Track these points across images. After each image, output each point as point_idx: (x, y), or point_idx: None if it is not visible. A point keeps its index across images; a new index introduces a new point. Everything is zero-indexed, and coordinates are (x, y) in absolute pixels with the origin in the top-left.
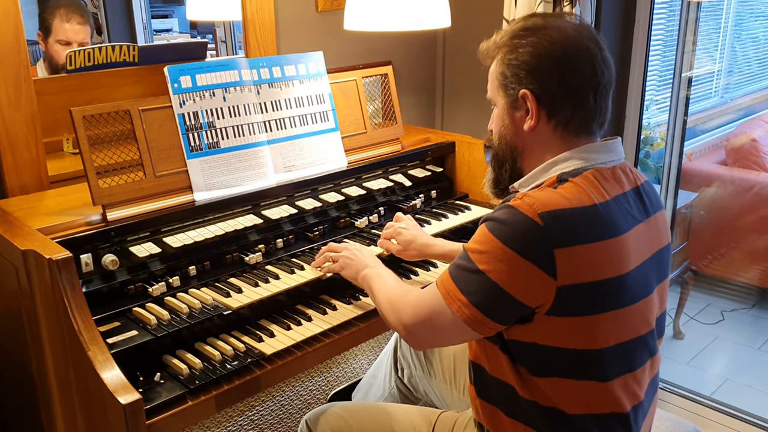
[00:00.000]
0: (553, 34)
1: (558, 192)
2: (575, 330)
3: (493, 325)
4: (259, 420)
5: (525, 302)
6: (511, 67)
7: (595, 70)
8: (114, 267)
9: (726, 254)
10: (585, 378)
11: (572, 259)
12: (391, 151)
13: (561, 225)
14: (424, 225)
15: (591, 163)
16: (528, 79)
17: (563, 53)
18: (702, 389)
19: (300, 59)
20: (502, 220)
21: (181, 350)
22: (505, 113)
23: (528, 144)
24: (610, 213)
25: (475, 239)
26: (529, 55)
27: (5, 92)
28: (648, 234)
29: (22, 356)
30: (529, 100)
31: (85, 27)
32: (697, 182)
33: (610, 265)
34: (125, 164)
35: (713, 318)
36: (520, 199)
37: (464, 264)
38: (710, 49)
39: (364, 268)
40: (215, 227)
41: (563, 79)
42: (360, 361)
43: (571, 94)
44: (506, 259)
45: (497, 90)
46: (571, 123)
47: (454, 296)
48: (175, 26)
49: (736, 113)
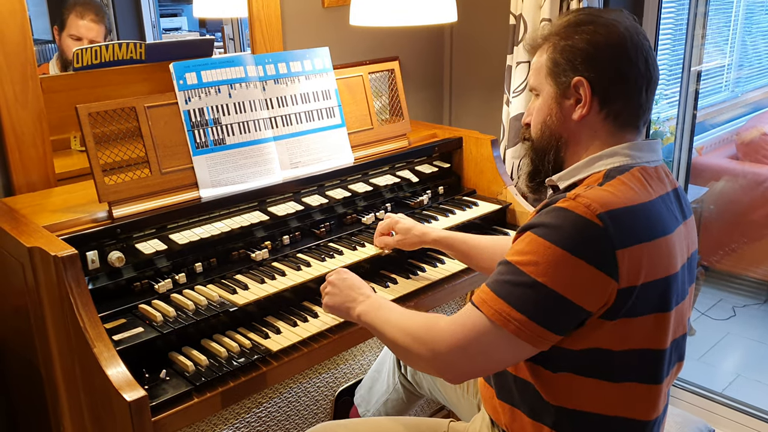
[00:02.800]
0: (610, 25)
1: (608, 190)
2: (623, 332)
3: (553, 338)
4: (266, 417)
5: (586, 307)
6: (565, 53)
7: (648, 65)
8: (120, 264)
9: (737, 249)
10: (618, 380)
11: (633, 259)
12: (398, 147)
13: (620, 225)
14: (431, 221)
15: (637, 160)
16: (584, 66)
17: (621, 44)
18: (713, 385)
19: (306, 55)
20: (555, 224)
21: (186, 347)
22: (553, 101)
23: (574, 134)
24: (658, 212)
25: (522, 250)
26: (586, 42)
27: (12, 90)
28: (686, 236)
29: (29, 353)
30: (583, 88)
31: (99, 26)
32: (707, 177)
33: (662, 265)
34: (131, 161)
35: (725, 314)
36: (573, 199)
37: (513, 279)
38: (720, 43)
39: (356, 306)
40: (221, 224)
41: (620, 69)
42: (367, 357)
43: (626, 86)
44: (567, 265)
45: (545, 78)
46: (621, 115)
47: (507, 316)
48: (184, 25)
49: (746, 107)
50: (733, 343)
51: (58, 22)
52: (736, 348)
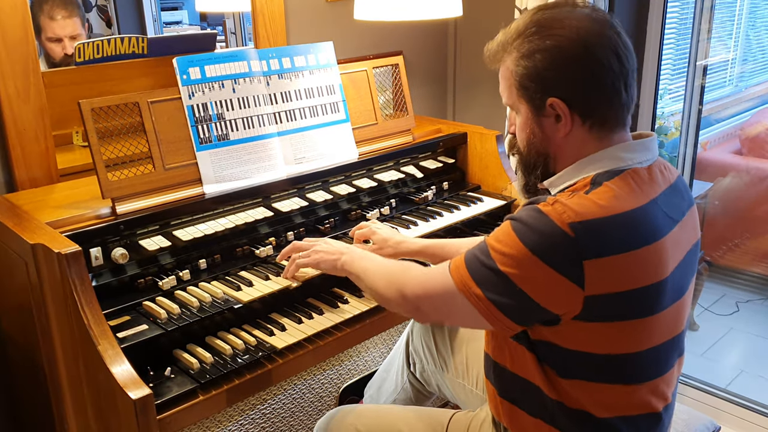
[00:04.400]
0: (570, 32)
1: (590, 199)
2: (605, 335)
3: (512, 325)
4: (271, 414)
5: (548, 308)
6: (530, 77)
7: (621, 59)
8: (124, 261)
9: (741, 244)
10: (616, 382)
11: (603, 270)
12: (403, 142)
13: (593, 236)
14: (436, 217)
15: (628, 163)
16: (554, 86)
17: (587, 52)
18: (717, 381)
19: (310, 50)
20: (530, 224)
21: (191, 344)
22: (533, 122)
23: (561, 149)
24: (647, 218)
25: (499, 237)
26: (549, 62)
27: (14, 84)
28: (684, 233)
29: (33, 350)
30: (559, 108)
31: (72, 20)
32: (712, 172)
33: (647, 273)
34: (134, 157)
35: (728, 309)
36: (551, 205)
37: (483, 259)
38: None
39: (341, 255)
40: (225, 220)
41: (592, 79)
42: (372, 354)
43: (603, 93)
44: (531, 267)
45: (518, 99)
46: (607, 120)
47: (469, 287)
48: (185, 18)
49: (750, 102)
50: (736, 339)
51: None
52: (739, 343)
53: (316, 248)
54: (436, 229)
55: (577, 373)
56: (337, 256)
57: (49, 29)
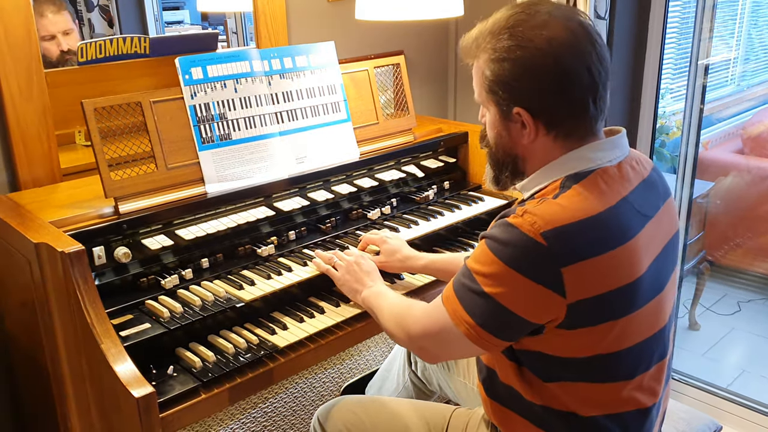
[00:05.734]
0: (542, 43)
1: (559, 204)
2: (588, 339)
3: (501, 343)
4: (273, 412)
5: (534, 321)
6: (499, 83)
7: (593, 74)
8: (126, 260)
9: (743, 244)
10: (600, 381)
11: (581, 275)
12: (404, 141)
13: (566, 242)
14: (437, 216)
15: (597, 163)
16: (520, 96)
17: (556, 64)
18: (718, 381)
19: (311, 50)
20: (504, 240)
21: (194, 343)
22: (500, 124)
23: (528, 151)
24: (618, 218)
25: (477, 258)
26: (517, 72)
27: (17, 84)
28: (659, 228)
29: (36, 349)
30: (524, 117)
31: (62, 14)
32: (714, 171)
33: (621, 274)
34: (137, 156)
35: (730, 309)
36: (521, 216)
37: (469, 284)
38: (726, 37)
39: (363, 289)
40: (227, 219)
41: (560, 93)
42: (373, 353)
43: (570, 106)
44: (512, 282)
45: (487, 99)
46: (574, 132)
47: (461, 316)
48: (186, 18)
49: (752, 101)
50: (738, 339)
51: None
52: (741, 343)
53: (345, 266)
54: (437, 229)
55: (561, 375)
56: (359, 289)
57: (41, 28)
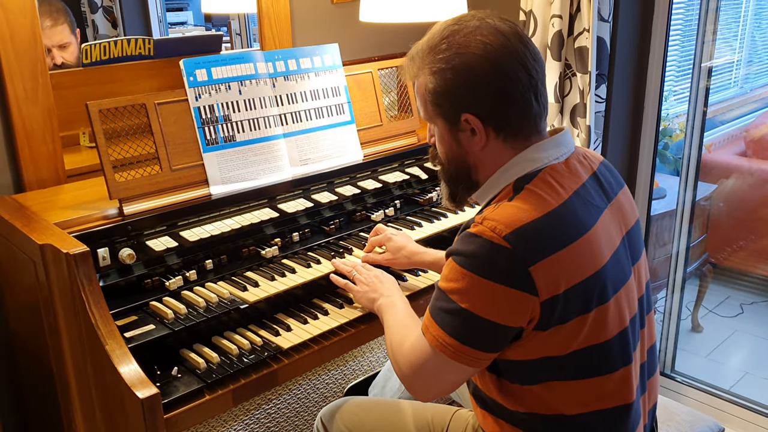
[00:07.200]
0: (477, 49)
1: (515, 206)
2: (563, 337)
3: (488, 356)
4: (276, 413)
5: (513, 325)
6: (442, 94)
7: (529, 71)
8: (131, 261)
9: (745, 246)
10: (581, 377)
11: (548, 271)
12: (407, 143)
13: (528, 241)
14: (440, 218)
15: (544, 162)
16: (465, 103)
17: (495, 67)
18: (721, 383)
19: (315, 51)
20: (469, 252)
21: (198, 344)
22: (449, 136)
23: (480, 159)
24: (573, 212)
25: (447, 276)
26: (460, 79)
27: (22, 86)
28: (614, 219)
29: (41, 349)
30: (473, 122)
31: (59, 28)
32: (717, 174)
33: (586, 265)
34: (141, 158)
35: (732, 311)
36: (480, 224)
37: (444, 305)
38: (730, 39)
39: (379, 298)
40: (231, 221)
41: (502, 94)
42: (376, 354)
43: (514, 106)
44: (485, 291)
45: (433, 114)
46: (521, 131)
47: (443, 341)
48: (190, 19)
49: (756, 104)
50: (740, 341)
51: None
52: (744, 345)
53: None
54: (440, 230)
55: (543, 377)
56: (376, 298)
57: None
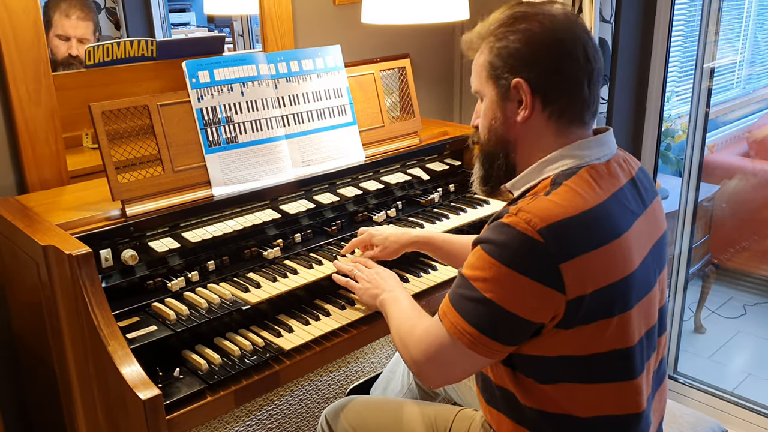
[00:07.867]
0: (545, 20)
1: (552, 200)
2: (584, 338)
3: (505, 349)
4: (278, 414)
5: (536, 320)
6: (501, 56)
7: (588, 57)
8: (133, 262)
9: (748, 247)
10: (599, 381)
11: (578, 271)
12: (409, 144)
13: (562, 238)
14: (443, 219)
15: (585, 160)
16: (521, 67)
17: (557, 40)
18: (724, 384)
19: (317, 53)
20: (500, 242)
21: (200, 345)
22: (496, 105)
23: (521, 136)
24: (609, 214)
25: (473, 264)
26: (520, 43)
27: (25, 88)
28: (647, 226)
29: (43, 350)
30: (522, 90)
31: (86, 23)
32: (719, 174)
33: (616, 269)
34: (144, 159)
35: (735, 312)
36: (515, 215)
37: (467, 293)
38: (732, 40)
39: (381, 293)
40: (234, 222)
41: (558, 67)
42: (378, 355)
43: (567, 82)
44: (512, 283)
45: (486, 81)
46: (566, 112)
47: (462, 328)
48: (193, 20)
49: (758, 104)
50: (743, 342)
51: (45, 21)
52: (746, 346)
53: (365, 277)
54: (442, 231)
55: (559, 377)
56: (378, 293)
57: (60, 27)
